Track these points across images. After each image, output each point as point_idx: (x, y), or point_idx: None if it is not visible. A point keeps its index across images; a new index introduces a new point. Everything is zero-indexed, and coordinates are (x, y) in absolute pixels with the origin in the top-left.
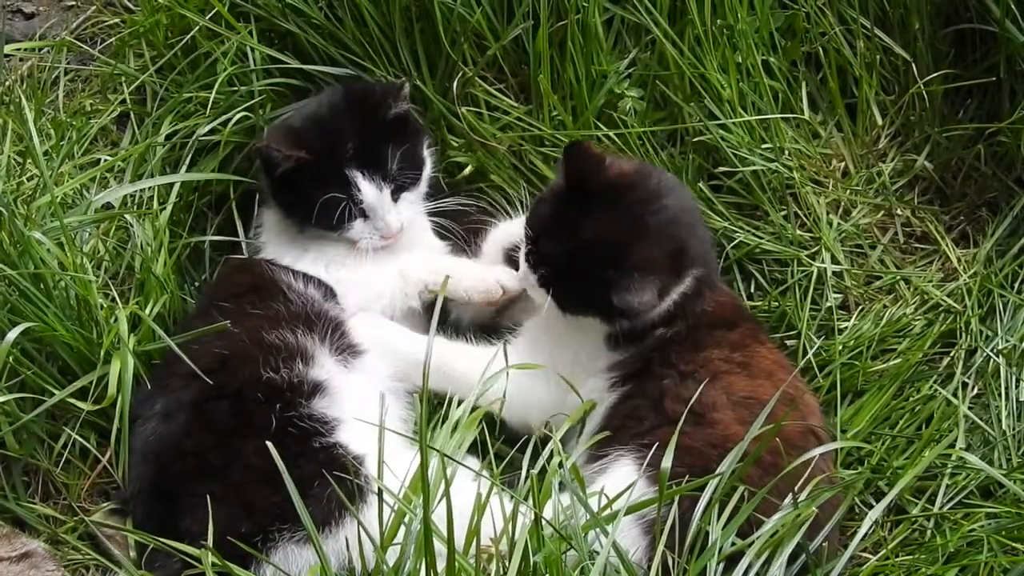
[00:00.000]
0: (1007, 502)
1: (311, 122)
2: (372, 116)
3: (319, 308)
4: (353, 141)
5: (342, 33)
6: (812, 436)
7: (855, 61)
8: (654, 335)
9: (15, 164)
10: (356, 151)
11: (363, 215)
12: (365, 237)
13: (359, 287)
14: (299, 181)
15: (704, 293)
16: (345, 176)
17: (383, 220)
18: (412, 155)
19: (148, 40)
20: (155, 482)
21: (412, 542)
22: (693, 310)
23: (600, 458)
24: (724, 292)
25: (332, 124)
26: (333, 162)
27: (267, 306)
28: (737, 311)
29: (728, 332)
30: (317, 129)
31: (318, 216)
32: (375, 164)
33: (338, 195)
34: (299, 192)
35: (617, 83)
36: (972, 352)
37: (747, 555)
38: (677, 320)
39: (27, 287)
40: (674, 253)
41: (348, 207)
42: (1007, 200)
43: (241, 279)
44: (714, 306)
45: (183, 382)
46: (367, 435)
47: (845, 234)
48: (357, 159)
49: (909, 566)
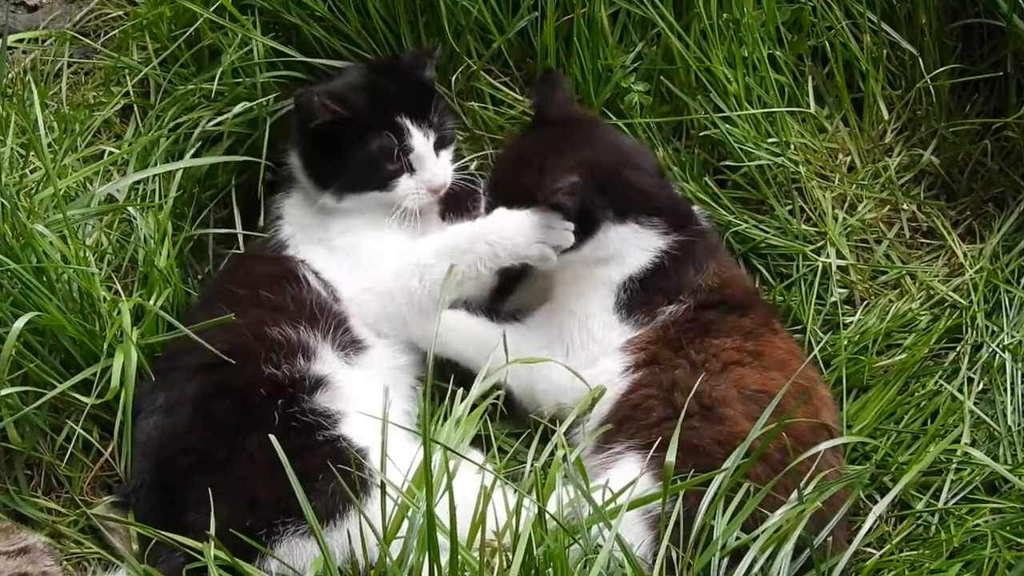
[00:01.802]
0: (1012, 498)
1: (347, 86)
2: (410, 74)
3: (324, 303)
4: (397, 94)
5: (346, 26)
6: (824, 432)
7: (862, 55)
8: (664, 312)
9: (18, 157)
10: (402, 101)
11: (409, 169)
12: (411, 193)
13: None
14: (337, 137)
15: (698, 260)
16: (396, 125)
17: (431, 171)
18: (447, 111)
19: (152, 33)
20: (158, 476)
21: (415, 536)
22: (694, 282)
23: (606, 450)
24: (733, 269)
25: (372, 84)
26: (381, 114)
27: (273, 299)
28: (750, 294)
29: (741, 318)
30: (356, 90)
31: (361, 175)
32: (422, 113)
33: (386, 145)
34: (338, 152)
35: (623, 77)
36: (978, 347)
37: (751, 550)
38: (682, 293)
39: (30, 280)
40: (612, 178)
41: (399, 155)
42: (1014, 196)
43: (252, 270)
44: (721, 282)
45: (186, 376)
46: (371, 428)
47: (851, 229)
48: (405, 108)
49: (913, 561)
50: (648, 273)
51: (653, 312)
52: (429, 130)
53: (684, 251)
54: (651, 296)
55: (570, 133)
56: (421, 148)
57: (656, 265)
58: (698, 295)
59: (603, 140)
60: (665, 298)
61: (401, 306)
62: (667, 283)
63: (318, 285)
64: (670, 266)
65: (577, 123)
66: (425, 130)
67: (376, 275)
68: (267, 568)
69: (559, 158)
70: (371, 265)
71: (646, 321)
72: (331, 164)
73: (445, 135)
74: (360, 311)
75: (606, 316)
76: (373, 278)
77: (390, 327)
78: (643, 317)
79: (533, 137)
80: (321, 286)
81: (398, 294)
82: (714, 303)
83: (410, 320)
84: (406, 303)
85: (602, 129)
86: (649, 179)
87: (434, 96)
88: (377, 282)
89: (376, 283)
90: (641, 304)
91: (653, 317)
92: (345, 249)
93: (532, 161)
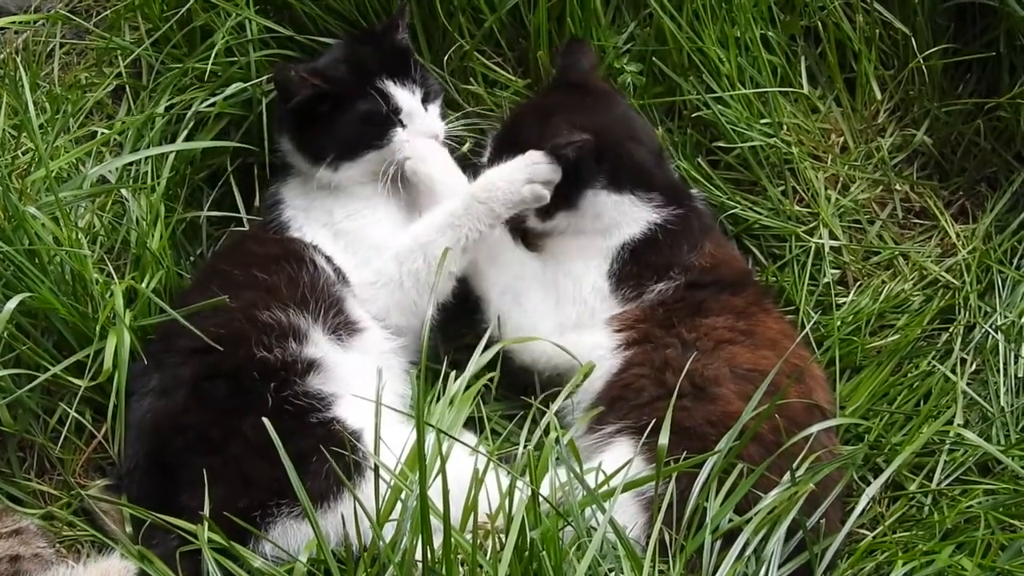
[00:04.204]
0: (1005, 478)
1: (327, 61)
2: (385, 39)
3: (317, 284)
4: (375, 59)
5: (338, 4)
6: (817, 412)
7: (854, 35)
8: (654, 289)
9: (10, 138)
10: (382, 67)
11: (401, 124)
12: (405, 142)
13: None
14: (323, 110)
15: (692, 238)
16: (378, 89)
17: (422, 122)
18: (425, 69)
19: (143, 13)
20: (152, 458)
21: (408, 518)
22: (687, 259)
23: (598, 431)
24: (728, 250)
25: (351, 56)
26: (362, 81)
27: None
28: (742, 273)
29: (732, 297)
30: (335, 63)
31: (354, 138)
32: (403, 72)
33: (374, 107)
34: (327, 123)
35: (616, 58)
36: (971, 328)
37: (744, 532)
38: (673, 270)
39: (22, 262)
40: (601, 133)
41: (388, 115)
42: (1006, 175)
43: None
44: (715, 262)
45: (180, 359)
46: (364, 411)
47: (844, 209)
48: (386, 71)
49: (906, 542)
50: (640, 246)
51: (642, 287)
52: (414, 86)
53: (678, 228)
54: (641, 270)
55: (586, 98)
56: (409, 104)
57: (648, 239)
58: (690, 273)
59: (616, 111)
60: (655, 274)
61: (410, 290)
62: (658, 258)
63: (326, 265)
64: (663, 241)
65: (594, 91)
66: (410, 87)
67: (379, 267)
68: (261, 550)
69: (570, 116)
70: (373, 256)
71: (633, 296)
72: (322, 137)
73: (430, 90)
74: (371, 306)
75: (599, 281)
76: (376, 271)
77: (401, 314)
78: (631, 292)
79: (550, 97)
80: (329, 268)
81: (405, 280)
82: (707, 283)
83: (421, 303)
84: (414, 286)
85: (617, 101)
86: (650, 155)
87: (411, 55)
88: (381, 273)
89: (380, 275)
90: (630, 277)
91: (641, 293)
92: (348, 235)
93: (544, 116)
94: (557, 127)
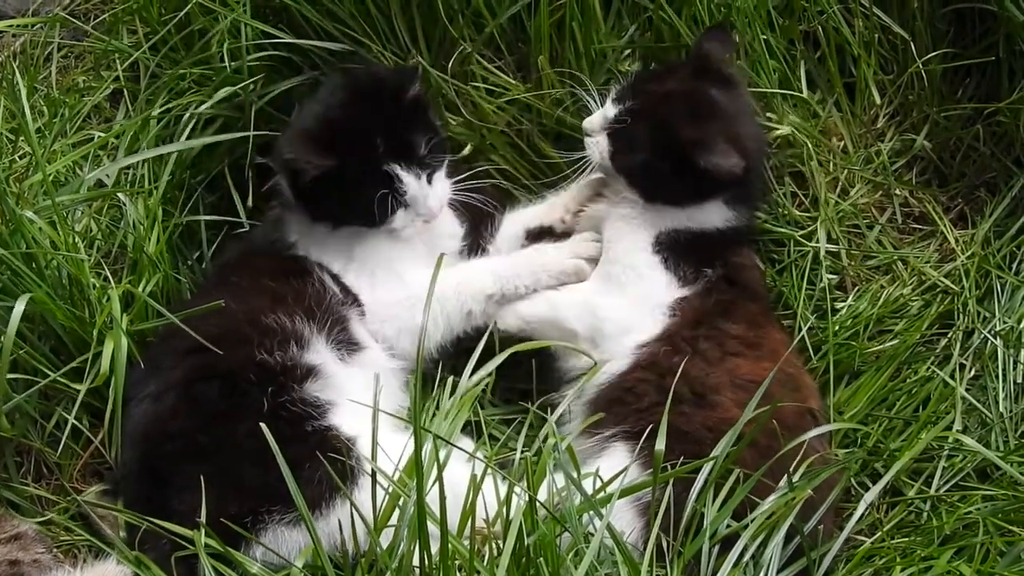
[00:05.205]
0: (1004, 484)
1: (328, 124)
2: (392, 104)
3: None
4: (381, 135)
5: (338, 8)
6: (810, 418)
7: (854, 40)
8: (705, 276)
9: (7, 141)
10: (388, 145)
11: (404, 205)
12: (408, 225)
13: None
14: (329, 185)
15: (742, 238)
16: (383, 172)
17: (425, 207)
18: (436, 135)
19: (142, 16)
20: (144, 463)
21: (406, 524)
22: (729, 254)
23: (596, 435)
24: (751, 253)
25: (353, 121)
26: (367, 160)
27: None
28: (763, 285)
29: (752, 303)
30: (339, 130)
31: (356, 214)
32: (409, 154)
33: (381, 191)
34: (331, 195)
35: (617, 61)
36: (969, 333)
37: (742, 537)
38: (718, 262)
39: (19, 266)
40: (749, 155)
41: (392, 200)
42: (1005, 180)
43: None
44: (748, 263)
45: (174, 361)
46: (360, 418)
47: (843, 214)
48: (391, 153)
49: (905, 548)
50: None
51: (699, 276)
52: (419, 169)
53: (738, 224)
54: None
55: (737, 101)
56: (414, 189)
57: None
58: (728, 267)
59: (755, 119)
60: (708, 262)
61: (437, 317)
62: (714, 245)
63: (332, 284)
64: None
65: (736, 91)
66: (416, 171)
67: (402, 296)
68: (252, 556)
69: (728, 129)
70: (394, 282)
71: (695, 282)
72: (324, 206)
73: (435, 163)
74: (380, 326)
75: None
76: (398, 299)
77: (412, 342)
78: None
79: (703, 88)
80: (336, 286)
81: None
82: (738, 281)
83: (435, 335)
84: (434, 322)
85: (751, 103)
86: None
87: (420, 123)
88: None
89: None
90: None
91: (698, 280)
92: (363, 257)
93: (700, 116)
94: (714, 141)
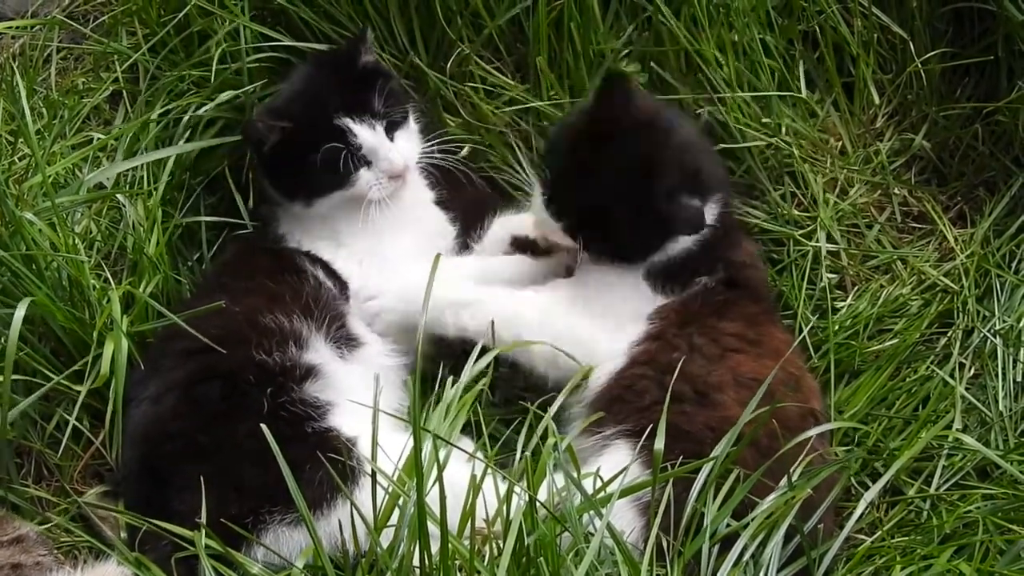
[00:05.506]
0: (1004, 483)
1: (288, 96)
2: (346, 69)
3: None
4: (334, 95)
5: (336, 10)
6: (811, 418)
7: (852, 40)
8: (697, 283)
9: (7, 143)
10: (340, 102)
11: (365, 163)
12: (374, 184)
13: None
14: (290, 153)
15: (736, 234)
16: (336, 128)
17: (386, 159)
18: (394, 92)
19: (141, 18)
20: (144, 464)
21: (406, 524)
22: (729, 255)
23: (596, 433)
24: (754, 250)
25: (310, 89)
26: (321, 119)
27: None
28: (765, 284)
29: (752, 303)
30: (296, 98)
31: (320, 180)
32: (361, 108)
33: (336, 145)
34: (293, 164)
35: (615, 62)
36: (969, 332)
37: (742, 537)
38: (717, 266)
39: (19, 268)
40: (694, 173)
41: (348, 157)
42: (1005, 180)
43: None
44: (749, 262)
45: (174, 362)
46: (360, 419)
47: (842, 213)
48: (343, 108)
49: (905, 547)
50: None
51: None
52: (374, 120)
53: (723, 225)
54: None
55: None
56: (369, 141)
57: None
58: (729, 268)
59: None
60: (703, 271)
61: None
62: (707, 258)
63: (327, 280)
64: (710, 244)
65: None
66: (369, 122)
67: (394, 286)
68: (252, 557)
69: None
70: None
71: (679, 290)
72: (291, 176)
73: (396, 118)
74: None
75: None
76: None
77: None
78: (676, 287)
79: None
80: (331, 281)
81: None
82: (740, 280)
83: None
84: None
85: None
86: (720, 166)
87: (377, 82)
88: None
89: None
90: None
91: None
92: (353, 244)
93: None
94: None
